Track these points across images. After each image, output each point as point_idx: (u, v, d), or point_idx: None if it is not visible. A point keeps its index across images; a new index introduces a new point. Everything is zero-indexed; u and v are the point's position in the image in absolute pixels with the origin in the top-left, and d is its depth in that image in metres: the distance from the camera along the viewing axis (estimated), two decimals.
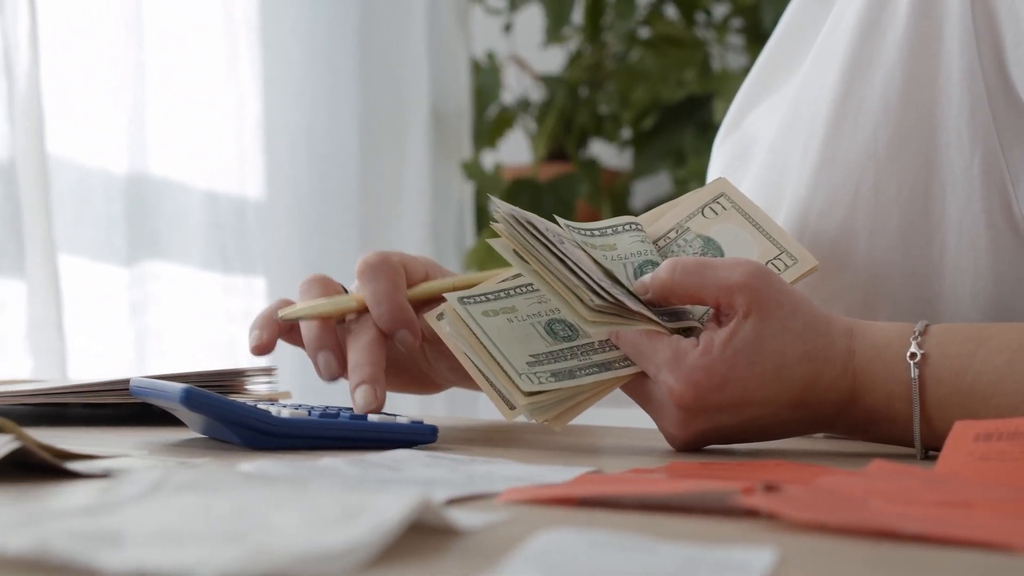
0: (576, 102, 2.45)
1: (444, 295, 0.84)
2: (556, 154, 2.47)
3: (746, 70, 2.37)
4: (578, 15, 2.45)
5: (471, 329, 0.82)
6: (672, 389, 0.79)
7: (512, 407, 0.81)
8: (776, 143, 0.98)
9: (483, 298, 0.83)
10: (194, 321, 1.85)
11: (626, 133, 2.47)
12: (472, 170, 2.34)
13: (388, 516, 0.44)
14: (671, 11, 2.48)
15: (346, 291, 0.94)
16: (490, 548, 0.48)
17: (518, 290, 0.84)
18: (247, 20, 1.95)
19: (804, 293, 0.83)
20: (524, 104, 2.49)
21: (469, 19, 2.42)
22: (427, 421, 0.82)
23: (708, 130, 2.37)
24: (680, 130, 2.39)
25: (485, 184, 2.36)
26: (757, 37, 2.38)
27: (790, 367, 0.80)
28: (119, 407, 0.98)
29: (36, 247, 1.41)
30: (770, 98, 1.09)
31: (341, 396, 1.91)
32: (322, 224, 2.12)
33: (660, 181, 2.53)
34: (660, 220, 0.89)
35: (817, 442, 0.93)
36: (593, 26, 2.40)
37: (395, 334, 0.89)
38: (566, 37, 2.42)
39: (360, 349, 0.89)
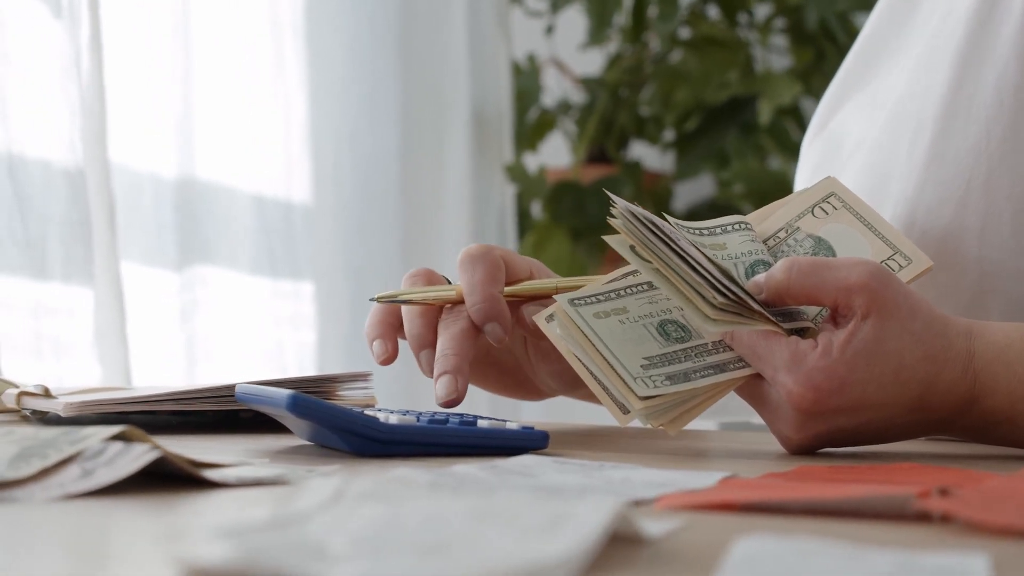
0: (617, 104, 2.43)
1: (554, 297, 0.82)
2: (596, 156, 2.46)
3: (789, 71, 2.36)
4: (619, 17, 2.44)
5: (583, 331, 0.80)
6: (791, 391, 0.78)
7: (626, 412, 0.79)
8: (879, 140, 0.97)
9: (593, 299, 0.82)
10: (242, 326, 1.83)
11: (669, 135, 2.46)
12: (516, 173, 2.32)
13: (593, 525, 0.42)
14: (713, 12, 2.46)
15: (450, 284, 0.92)
16: (682, 556, 0.46)
17: (628, 290, 0.83)
18: (293, 25, 1.94)
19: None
20: (564, 106, 2.47)
21: (509, 21, 2.40)
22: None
23: (751, 132, 2.35)
24: (723, 132, 2.37)
25: (529, 187, 2.35)
26: (800, 37, 2.36)
27: (909, 369, 0.78)
28: (203, 414, 0.96)
29: (101, 254, 1.39)
30: (857, 97, 1.07)
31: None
32: (366, 228, 2.10)
33: (703, 183, 2.52)
34: (768, 219, 0.88)
35: (922, 444, 0.92)
36: (637, 27, 2.38)
37: (485, 326, 0.88)
38: (608, 38, 2.40)
39: (448, 339, 0.88)
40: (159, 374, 1.65)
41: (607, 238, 0.80)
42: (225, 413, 0.95)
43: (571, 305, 0.81)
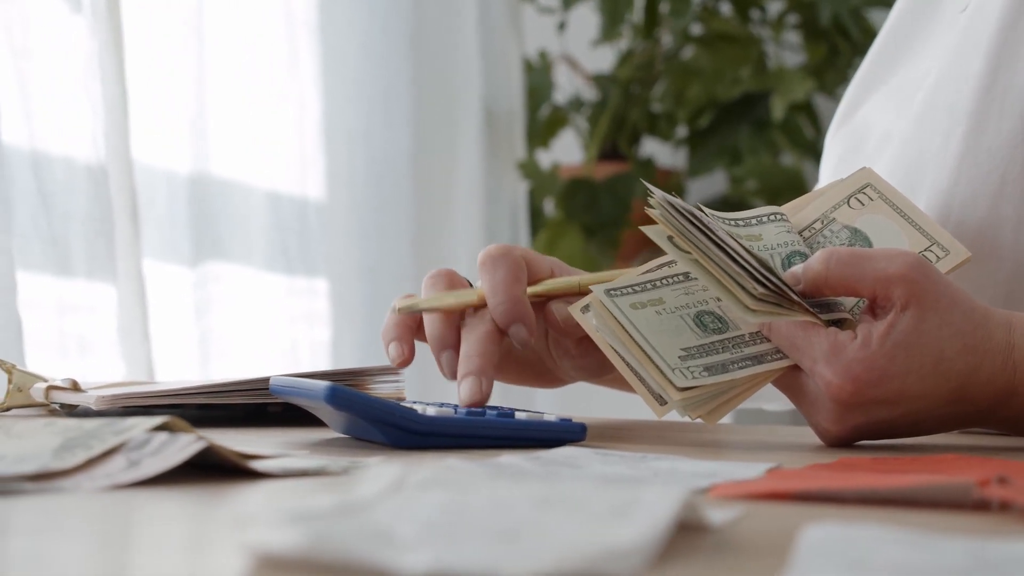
0: (629, 101, 2.42)
1: (590, 288, 0.82)
2: (609, 153, 2.45)
3: (802, 67, 2.35)
4: (630, 13, 2.43)
5: (620, 323, 0.79)
6: (830, 383, 0.77)
7: (663, 403, 0.79)
8: (910, 133, 0.96)
9: (629, 290, 0.81)
10: (256, 323, 1.83)
11: (681, 131, 2.45)
12: (529, 170, 2.32)
13: (662, 512, 0.42)
14: (725, 8, 2.45)
15: (471, 286, 0.91)
16: (746, 544, 0.46)
17: (664, 281, 0.82)
18: (307, 22, 1.94)
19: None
20: (576, 103, 2.47)
21: (521, 19, 2.40)
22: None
23: (764, 128, 2.35)
24: (736, 128, 2.36)
25: (542, 184, 2.34)
26: (813, 33, 2.35)
27: (949, 360, 0.78)
28: (231, 408, 0.96)
29: (123, 251, 1.39)
30: (883, 89, 1.07)
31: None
32: (379, 225, 2.10)
33: (716, 180, 2.51)
34: (803, 210, 0.87)
35: (957, 436, 0.91)
36: (649, 23, 2.38)
37: (509, 328, 0.87)
38: (620, 35, 2.40)
39: (472, 341, 0.86)
40: (175, 371, 1.65)
41: (645, 228, 0.80)
42: (253, 407, 0.95)
43: (607, 296, 0.80)
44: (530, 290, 0.88)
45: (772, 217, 0.85)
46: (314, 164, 1.94)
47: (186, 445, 0.58)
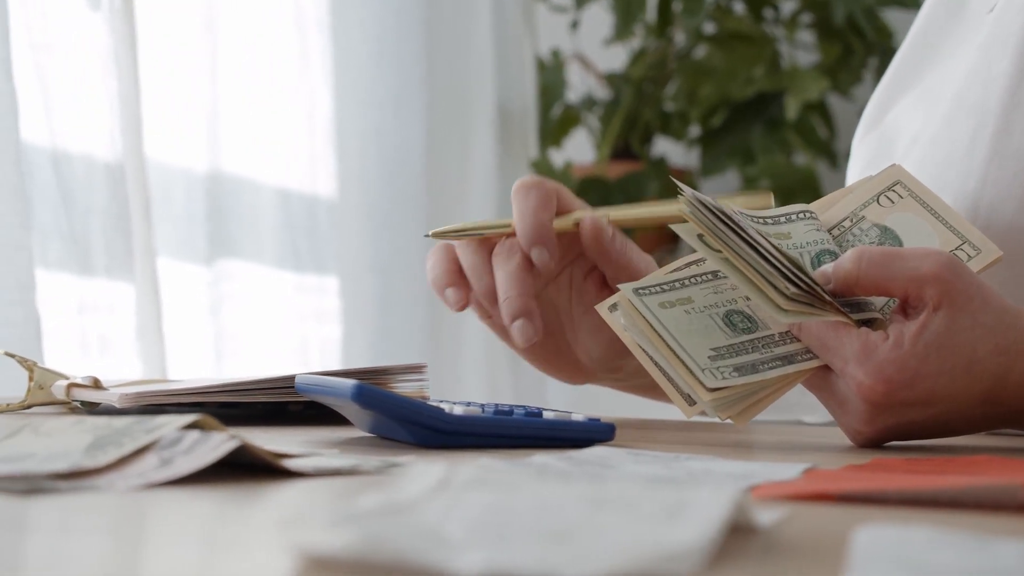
0: (641, 100, 2.42)
1: (618, 286, 0.81)
2: (621, 152, 2.44)
3: (816, 66, 2.34)
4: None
5: (648, 322, 0.79)
6: (861, 384, 0.76)
7: (692, 403, 0.78)
8: (938, 135, 0.95)
9: (658, 289, 0.80)
10: (266, 320, 1.82)
11: (694, 131, 2.44)
12: (541, 168, 2.31)
13: (715, 513, 0.41)
14: (739, 7, 2.44)
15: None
16: (795, 545, 0.45)
17: (693, 280, 0.81)
18: (318, 21, 1.93)
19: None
20: (589, 102, 2.46)
21: (534, 17, 2.39)
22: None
23: (777, 127, 2.34)
24: (749, 128, 2.35)
25: None
26: (827, 33, 2.35)
27: (981, 361, 0.77)
28: (252, 406, 0.95)
29: (140, 249, 1.38)
30: (911, 92, 1.06)
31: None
32: (391, 223, 2.09)
33: (728, 179, 2.50)
34: (832, 208, 0.86)
35: (983, 438, 0.90)
36: (662, 22, 2.37)
37: (532, 251, 0.89)
38: (633, 34, 2.39)
39: (507, 277, 0.89)
40: (188, 369, 1.64)
41: (675, 226, 0.79)
42: (272, 405, 0.94)
43: (636, 295, 0.80)
44: (557, 222, 0.90)
45: (801, 215, 0.84)
46: (325, 162, 1.94)
47: (219, 444, 0.58)
